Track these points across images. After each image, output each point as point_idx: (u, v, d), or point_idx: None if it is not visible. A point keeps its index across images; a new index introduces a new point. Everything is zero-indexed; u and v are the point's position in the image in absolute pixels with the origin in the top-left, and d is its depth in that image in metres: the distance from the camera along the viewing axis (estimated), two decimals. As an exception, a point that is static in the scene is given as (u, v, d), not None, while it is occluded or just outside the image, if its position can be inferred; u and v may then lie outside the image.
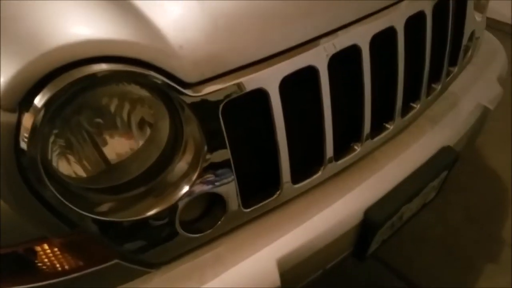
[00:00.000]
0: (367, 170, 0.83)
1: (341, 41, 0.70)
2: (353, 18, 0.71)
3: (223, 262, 0.69)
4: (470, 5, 1.01)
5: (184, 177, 0.62)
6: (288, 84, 0.65)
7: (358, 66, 0.74)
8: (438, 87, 0.98)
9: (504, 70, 1.18)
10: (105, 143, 0.56)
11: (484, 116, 1.07)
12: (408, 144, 0.90)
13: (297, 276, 0.76)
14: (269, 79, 0.63)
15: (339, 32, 0.70)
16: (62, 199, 0.53)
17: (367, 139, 0.82)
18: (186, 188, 0.61)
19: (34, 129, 0.49)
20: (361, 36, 0.72)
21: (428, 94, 0.95)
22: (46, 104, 0.49)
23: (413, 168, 0.86)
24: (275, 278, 0.68)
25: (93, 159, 0.56)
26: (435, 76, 0.96)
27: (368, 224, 0.79)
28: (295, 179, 0.74)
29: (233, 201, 0.67)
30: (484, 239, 1.42)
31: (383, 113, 0.85)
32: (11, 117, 0.49)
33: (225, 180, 0.65)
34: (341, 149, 0.80)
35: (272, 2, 0.64)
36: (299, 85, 0.69)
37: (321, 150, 0.75)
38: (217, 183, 0.64)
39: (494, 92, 1.11)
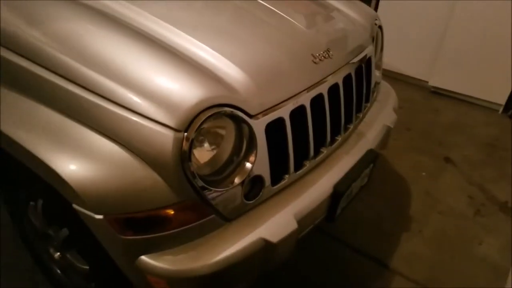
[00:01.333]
0: (332, 162, 1.43)
1: (314, 91, 1.30)
2: (320, 78, 1.32)
3: (264, 217, 1.21)
4: (373, 66, 1.70)
5: (246, 166, 1.15)
6: (293, 114, 1.23)
7: (323, 104, 1.35)
8: (360, 115, 1.63)
9: (396, 103, 1.89)
10: (216, 148, 1.09)
11: (388, 132, 1.74)
12: (351, 147, 1.53)
13: (303, 225, 1.29)
14: (285, 112, 1.20)
15: (313, 86, 1.30)
16: (198, 181, 1.03)
17: (328, 145, 1.42)
18: (248, 171, 1.14)
19: (191, 142, 0.99)
20: (323, 89, 1.33)
21: (356, 120, 1.59)
22: (196, 128, 1.00)
23: (355, 161, 1.48)
24: (294, 223, 1.22)
25: (209, 158, 1.08)
26: (358, 109, 1.61)
27: (336, 193, 1.37)
28: (296, 169, 1.30)
29: (267, 180, 1.21)
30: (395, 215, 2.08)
31: (336, 131, 1.46)
32: (180, 135, 0.99)
33: (264, 168, 1.19)
34: (316, 151, 1.38)
35: (286, 77, 1.23)
36: (299, 114, 1.27)
37: (307, 151, 1.33)
38: (260, 169, 1.18)
39: (392, 117, 1.80)
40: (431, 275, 1.77)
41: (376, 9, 3.40)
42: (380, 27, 1.80)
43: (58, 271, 1.50)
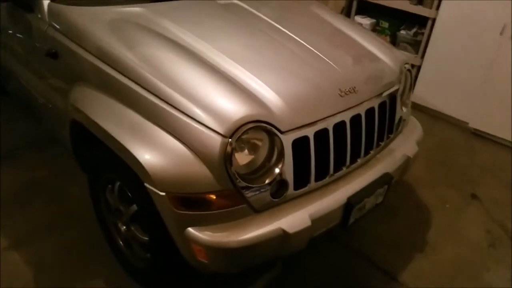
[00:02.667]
0: (350, 178, 1.72)
1: (337, 118, 1.61)
2: (344, 108, 1.64)
3: (285, 213, 1.52)
4: (398, 103, 1.97)
5: (275, 171, 1.47)
6: (317, 134, 1.54)
7: (345, 129, 1.65)
8: (382, 143, 1.91)
9: (420, 137, 2.14)
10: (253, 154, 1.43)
11: (408, 161, 1.99)
12: (369, 169, 1.81)
13: (317, 226, 1.59)
14: (310, 132, 1.52)
15: (336, 114, 1.62)
16: (235, 175, 1.37)
17: (348, 165, 1.71)
18: (276, 175, 1.46)
19: (233, 146, 1.34)
20: (346, 117, 1.64)
21: (377, 147, 1.87)
22: (239, 136, 1.35)
23: (371, 180, 1.76)
24: (309, 221, 1.52)
25: (247, 161, 1.43)
26: (380, 138, 1.89)
27: (349, 204, 1.65)
28: (316, 180, 1.60)
29: (291, 185, 1.52)
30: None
31: (356, 153, 1.75)
32: (226, 140, 1.35)
33: (289, 175, 1.51)
34: (337, 168, 1.68)
35: (314, 104, 1.56)
36: (323, 136, 1.58)
37: (328, 167, 1.63)
38: (286, 175, 1.50)
39: (414, 149, 2.05)
40: (436, 292, 1.97)
41: (423, 54, 3.65)
42: (409, 70, 2.07)
43: (121, 242, 1.90)
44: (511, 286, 2.06)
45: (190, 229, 1.41)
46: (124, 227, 1.82)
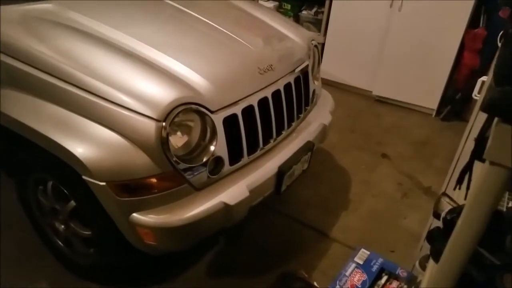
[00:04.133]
0: (278, 150, 1.87)
1: (260, 94, 1.74)
2: (265, 85, 1.77)
3: (224, 187, 1.62)
4: (310, 79, 2.16)
5: (210, 149, 1.57)
6: (245, 111, 1.66)
7: (268, 104, 1.79)
8: (301, 116, 2.08)
9: (332, 107, 2.36)
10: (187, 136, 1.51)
11: (324, 129, 2.19)
12: (293, 139, 1.97)
13: (254, 196, 1.71)
14: (237, 109, 1.63)
15: (259, 91, 1.74)
16: (173, 158, 1.44)
17: (274, 137, 1.86)
18: (211, 153, 1.56)
19: (166, 128, 1.41)
20: (267, 93, 1.78)
21: (297, 119, 2.04)
22: (172, 119, 1.42)
23: (296, 149, 1.92)
24: (247, 192, 1.64)
25: (183, 143, 1.50)
26: (299, 111, 2.06)
27: (280, 172, 1.80)
28: (248, 154, 1.73)
29: (226, 161, 1.63)
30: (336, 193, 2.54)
31: (280, 126, 1.90)
32: (160, 124, 1.41)
33: (224, 151, 1.61)
34: (265, 142, 1.81)
35: (238, 83, 1.67)
36: (250, 112, 1.70)
37: (257, 141, 1.76)
38: (220, 152, 1.60)
39: (328, 118, 2.26)
40: (361, 240, 2.21)
41: (325, 32, 3.93)
42: (316, 46, 2.27)
43: (61, 243, 1.87)
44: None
45: (134, 214, 1.45)
46: (63, 226, 1.79)
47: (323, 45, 3.99)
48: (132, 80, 1.49)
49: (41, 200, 1.80)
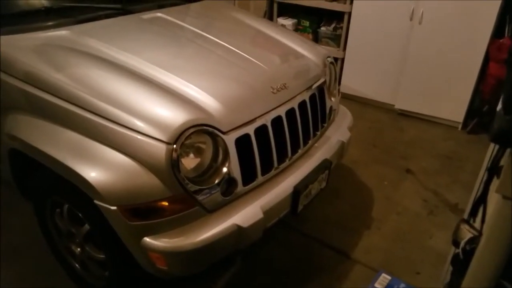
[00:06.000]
0: (294, 168, 1.83)
1: (274, 113, 1.71)
2: (278, 104, 1.74)
3: (237, 208, 1.59)
4: (326, 94, 2.12)
5: (222, 170, 1.54)
6: (258, 131, 1.63)
7: (281, 124, 1.76)
8: (318, 133, 2.04)
9: (351, 123, 2.31)
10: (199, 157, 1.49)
11: (342, 146, 2.14)
12: (310, 157, 1.93)
13: (269, 217, 1.67)
14: (250, 129, 1.61)
15: (272, 110, 1.72)
16: (184, 180, 1.42)
17: (290, 156, 1.82)
18: (223, 174, 1.53)
19: (178, 152, 1.40)
20: (281, 111, 1.75)
21: (314, 137, 2.00)
22: (182, 141, 1.41)
23: (312, 167, 1.88)
24: (261, 213, 1.61)
25: (195, 165, 1.48)
26: (315, 128, 2.02)
27: (295, 192, 1.76)
28: (263, 173, 1.69)
29: (239, 181, 1.60)
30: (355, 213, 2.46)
31: (296, 144, 1.86)
32: (170, 147, 1.39)
33: (237, 172, 1.58)
34: (280, 160, 1.78)
35: (250, 103, 1.65)
36: (263, 131, 1.67)
37: (272, 160, 1.73)
38: (233, 173, 1.57)
39: (347, 134, 2.21)
40: (385, 261, 2.13)
41: (345, 47, 3.89)
42: (332, 63, 2.23)
43: (77, 265, 1.87)
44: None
45: (146, 239, 1.44)
46: (79, 249, 1.80)
47: (342, 60, 3.95)
48: (143, 104, 1.49)
49: (58, 223, 1.81)
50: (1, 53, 1.67)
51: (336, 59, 3.82)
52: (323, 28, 4.03)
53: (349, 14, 3.75)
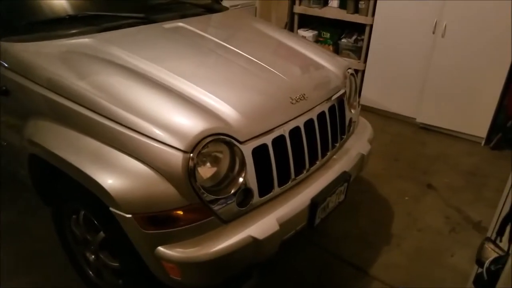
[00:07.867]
0: (311, 180, 1.80)
1: (292, 124, 1.69)
2: (297, 115, 1.72)
3: (253, 220, 1.57)
4: (346, 106, 2.08)
5: (239, 180, 1.52)
6: (275, 141, 1.61)
7: (300, 135, 1.73)
8: (337, 144, 2.00)
9: (371, 135, 2.26)
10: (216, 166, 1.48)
11: (362, 159, 2.10)
12: (328, 169, 1.89)
13: (285, 229, 1.64)
14: (267, 140, 1.59)
15: (290, 121, 1.69)
16: (200, 189, 1.41)
17: (308, 167, 1.79)
18: (240, 184, 1.51)
19: (195, 161, 1.39)
20: (299, 122, 1.72)
21: (333, 148, 1.96)
22: (199, 150, 1.40)
23: (331, 180, 1.84)
24: (277, 225, 1.58)
25: (211, 174, 1.46)
26: (334, 140, 1.98)
27: (313, 204, 1.72)
28: (279, 185, 1.67)
29: (256, 192, 1.58)
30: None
31: (314, 156, 1.83)
32: (187, 155, 1.38)
33: (253, 183, 1.56)
34: (298, 172, 1.75)
35: (269, 113, 1.63)
36: (281, 142, 1.65)
37: (289, 171, 1.70)
38: (250, 183, 1.55)
39: (367, 147, 2.17)
40: (405, 279, 2.06)
41: (365, 59, 3.85)
42: (352, 74, 2.20)
43: (91, 273, 1.87)
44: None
45: (160, 248, 1.42)
46: (93, 256, 1.80)
47: (363, 72, 3.91)
48: (162, 112, 1.49)
49: (74, 230, 1.82)
50: (25, 59, 1.71)
51: (356, 71, 3.79)
52: (344, 40, 4.01)
53: (371, 26, 3.72)
